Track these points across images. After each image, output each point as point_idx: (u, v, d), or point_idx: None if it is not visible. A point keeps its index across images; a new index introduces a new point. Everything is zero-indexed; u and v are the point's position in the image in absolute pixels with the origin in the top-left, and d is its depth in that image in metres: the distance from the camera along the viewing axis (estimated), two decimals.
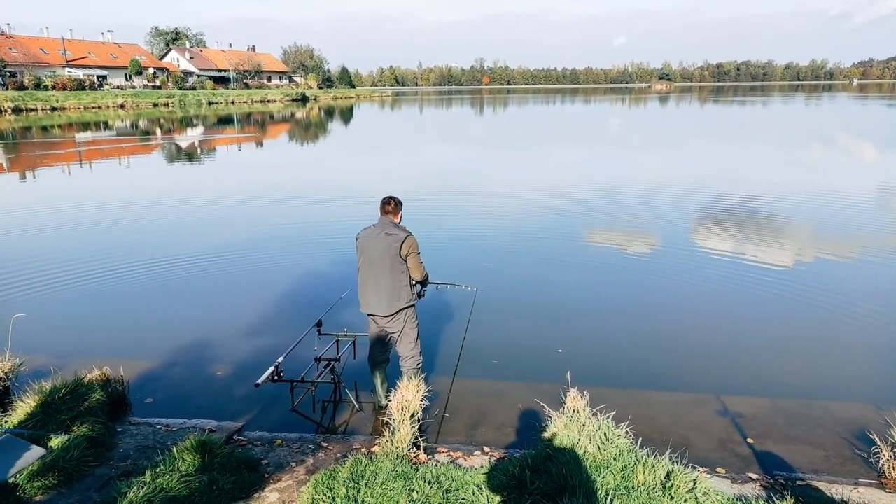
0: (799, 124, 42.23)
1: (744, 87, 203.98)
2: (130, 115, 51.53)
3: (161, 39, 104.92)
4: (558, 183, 17.62)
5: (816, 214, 12.95)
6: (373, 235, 4.96)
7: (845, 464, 4.50)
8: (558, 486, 3.70)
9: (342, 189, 17.01)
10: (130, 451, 4.57)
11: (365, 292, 5.03)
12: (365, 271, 5.00)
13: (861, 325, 7.18)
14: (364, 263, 5.00)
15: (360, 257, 5.02)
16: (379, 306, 5.00)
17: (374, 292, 4.98)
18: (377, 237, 4.94)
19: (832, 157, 23.90)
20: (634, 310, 7.69)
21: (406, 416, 4.58)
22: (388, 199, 5.06)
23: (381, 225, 5.00)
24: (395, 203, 5.07)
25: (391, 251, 4.89)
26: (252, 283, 8.84)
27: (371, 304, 5.03)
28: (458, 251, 10.42)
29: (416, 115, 61.72)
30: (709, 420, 5.15)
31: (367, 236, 4.99)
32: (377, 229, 4.99)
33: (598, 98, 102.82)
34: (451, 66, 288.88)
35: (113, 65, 76.69)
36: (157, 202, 15.10)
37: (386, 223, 4.99)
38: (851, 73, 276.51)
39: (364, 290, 5.04)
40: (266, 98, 78.00)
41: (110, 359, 5.65)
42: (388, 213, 5.04)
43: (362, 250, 5.00)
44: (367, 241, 4.97)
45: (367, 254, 4.97)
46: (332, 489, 3.76)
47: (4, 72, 60.54)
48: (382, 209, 5.05)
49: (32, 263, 9.84)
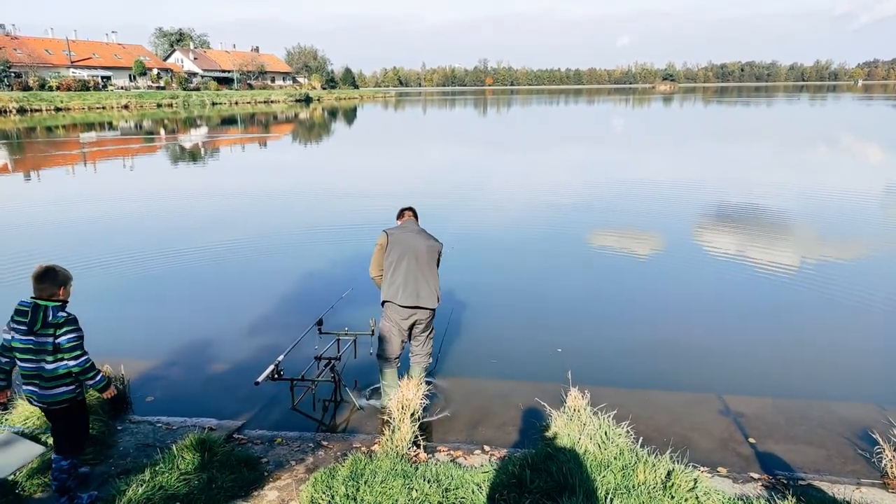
0: (802, 125, 42.10)
1: (748, 87, 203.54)
2: (134, 116, 51.67)
3: (165, 40, 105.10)
4: (561, 183, 17.60)
5: (819, 215, 12.91)
6: (412, 232, 5.10)
7: (847, 464, 4.47)
8: (558, 485, 3.69)
9: (343, 188, 17.01)
10: (130, 449, 4.57)
11: (415, 285, 5.00)
12: (411, 265, 5.00)
13: (863, 325, 7.14)
14: (407, 257, 5.00)
15: (396, 251, 5.01)
16: (429, 299, 5.06)
17: (425, 285, 5.03)
18: (418, 235, 5.09)
19: (836, 157, 23.82)
20: (636, 309, 7.67)
21: (406, 414, 4.57)
22: (409, 207, 5.38)
23: (412, 226, 5.20)
24: (415, 211, 5.40)
25: (433, 251, 5.10)
26: (253, 282, 8.85)
27: (423, 297, 5.03)
28: (459, 251, 10.40)
29: (419, 115, 61.74)
30: (710, 420, 5.12)
31: (405, 232, 5.09)
32: (412, 228, 5.15)
33: (601, 99, 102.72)
34: (454, 66, 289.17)
35: (117, 65, 76.93)
36: (158, 202, 15.13)
37: (416, 226, 5.22)
38: (856, 74, 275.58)
39: (413, 283, 5.00)
40: (270, 99, 78.13)
41: (111, 357, 5.64)
42: (411, 218, 5.31)
43: (399, 244, 5.02)
44: (407, 237, 5.05)
45: (410, 248, 5.01)
46: (331, 487, 3.75)
47: (9, 72, 60.74)
48: (403, 215, 5.32)
49: (33, 262, 9.85)
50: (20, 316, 3.47)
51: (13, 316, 3.49)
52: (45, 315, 3.44)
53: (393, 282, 5.01)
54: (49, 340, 3.43)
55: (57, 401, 3.56)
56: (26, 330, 3.44)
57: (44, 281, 3.51)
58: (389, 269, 5.04)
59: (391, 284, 5.02)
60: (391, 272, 5.03)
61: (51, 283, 3.52)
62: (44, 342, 3.44)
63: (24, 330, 3.44)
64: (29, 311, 3.45)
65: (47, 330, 3.43)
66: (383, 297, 5.08)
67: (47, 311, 3.45)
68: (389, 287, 5.02)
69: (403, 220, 5.30)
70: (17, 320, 3.47)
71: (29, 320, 3.43)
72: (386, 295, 5.06)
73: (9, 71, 60.62)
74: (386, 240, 5.07)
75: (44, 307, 3.46)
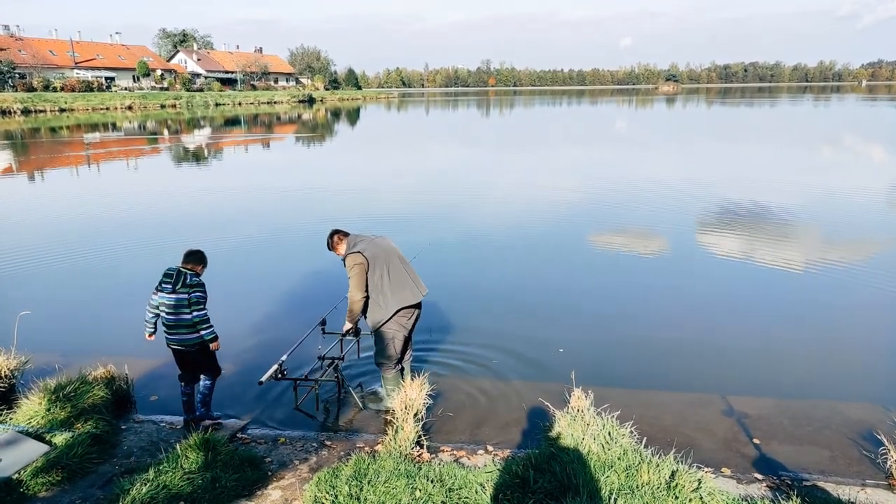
0: (806, 126, 41.98)
1: (751, 88, 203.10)
2: (138, 117, 51.78)
3: (169, 41, 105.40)
4: (563, 183, 17.58)
5: (825, 215, 12.86)
6: (371, 241, 5.04)
7: (852, 464, 4.46)
8: (562, 486, 3.68)
9: (345, 188, 17.02)
10: (134, 448, 4.58)
11: (414, 282, 5.09)
12: (398, 267, 5.04)
13: (868, 325, 7.12)
14: (391, 263, 5.01)
15: (379, 263, 4.97)
16: (423, 290, 5.15)
17: (418, 280, 5.14)
18: (379, 241, 5.09)
19: (840, 158, 23.75)
20: (640, 310, 7.66)
21: (409, 414, 4.57)
22: (336, 230, 5.16)
23: (364, 236, 5.13)
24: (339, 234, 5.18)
25: (398, 249, 5.16)
26: (255, 282, 8.86)
27: (422, 290, 5.14)
28: (461, 249, 10.40)
29: (422, 116, 61.75)
30: (714, 420, 5.11)
31: (370, 244, 5.01)
32: (368, 238, 5.09)
33: (604, 99, 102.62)
34: (457, 67, 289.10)
35: (121, 66, 77.18)
36: (160, 202, 15.17)
37: (365, 235, 5.15)
38: (860, 75, 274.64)
39: (412, 281, 5.07)
40: (273, 99, 78.22)
41: (115, 356, 5.67)
42: (346, 235, 5.13)
43: (377, 256, 4.97)
44: (375, 247, 4.99)
45: (387, 255, 5.02)
46: (334, 487, 3.75)
47: (14, 73, 60.98)
48: (340, 237, 5.11)
49: (38, 261, 9.90)
50: (167, 278, 4.68)
51: (162, 279, 4.70)
52: (185, 279, 4.67)
53: (400, 288, 4.99)
54: (185, 297, 4.64)
55: (194, 342, 4.72)
56: (170, 289, 4.64)
57: (190, 257, 4.84)
58: (383, 281, 4.97)
59: (400, 291, 4.99)
60: (389, 282, 4.98)
61: (193, 260, 4.84)
62: (182, 299, 4.64)
63: (168, 289, 4.65)
64: (174, 274, 4.68)
65: (184, 289, 4.64)
66: (397, 306, 4.99)
67: (186, 276, 4.69)
68: (397, 294, 4.99)
69: (343, 240, 5.08)
70: (164, 281, 4.68)
71: (173, 281, 4.65)
72: (399, 302, 4.99)
73: (13, 72, 60.87)
74: (364, 258, 4.93)
75: (184, 273, 4.70)
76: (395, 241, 5.28)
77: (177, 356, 4.86)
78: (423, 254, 7.32)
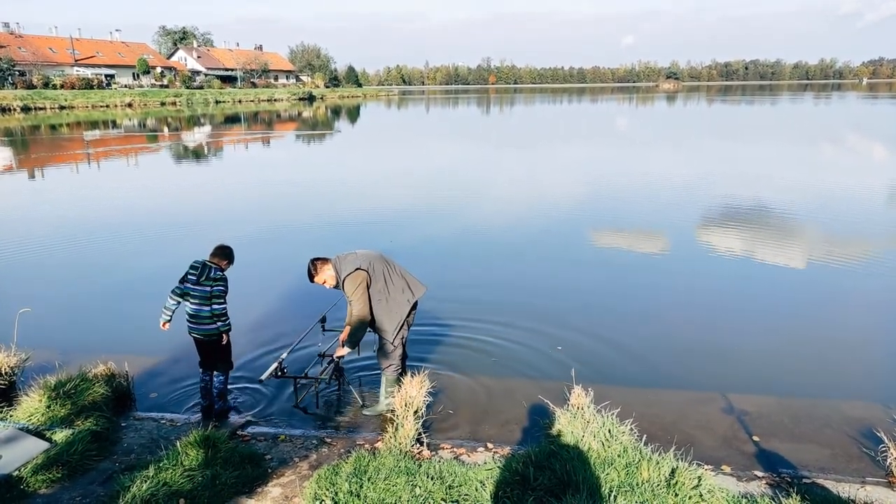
0: (807, 123, 41.95)
1: (752, 86, 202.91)
2: (138, 114, 51.76)
3: (169, 38, 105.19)
4: (564, 181, 17.58)
5: (826, 214, 12.85)
6: (363, 255, 5.01)
7: (852, 462, 4.46)
8: (562, 483, 3.68)
9: (346, 186, 17.01)
10: (134, 445, 4.58)
11: (412, 280, 5.11)
12: (395, 270, 5.06)
13: (868, 324, 7.12)
14: (386, 268, 5.01)
15: (378, 273, 4.95)
16: (424, 285, 5.17)
17: (413, 276, 5.15)
18: (362, 252, 5.07)
19: (841, 156, 23.74)
20: (640, 307, 7.66)
21: (409, 412, 4.57)
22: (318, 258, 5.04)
23: (350, 252, 5.07)
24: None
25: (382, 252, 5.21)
26: (255, 280, 8.85)
27: (424, 284, 5.16)
28: (461, 249, 10.40)
29: (422, 114, 61.71)
30: (714, 418, 5.11)
31: (360, 257, 4.97)
32: (353, 252, 5.05)
33: (605, 97, 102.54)
34: (457, 65, 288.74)
35: (121, 64, 77.06)
36: (161, 200, 15.17)
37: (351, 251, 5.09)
38: (861, 73, 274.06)
39: (410, 280, 5.09)
40: (273, 97, 78.13)
41: (115, 354, 5.67)
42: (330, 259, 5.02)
43: (374, 267, 4.96)
44: (367, 258, 4.98)
45: (379, 262, 5.01)
46: (334, 484, 3.75)
47: (13, 71, 60.93)
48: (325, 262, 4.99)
49: (38, 259, 9.90)
50: (193, 270, 4.87)
51: (188, 270, 4.89)
52: (209, 272, 4.88)
53: (405, 287, 5.02)
54: (208, 289, 4.85)
55: (212, 333, 4.92)
56: (195, 280, 4.84)
57: (217, 252, 5.04)
58: (389, 287, 4.97)
59: (406, 290, 5.01)
60: (394, 286, 4.98)
61: (220, 256, 5.04)
62: (205, 291, 4.85)
63: (194, 280, 4.84)
64: (200, 266, 4.88)
65: (208, 282, 4.85)
66: (408, 305, 5.00)
67: (211, 269, 4.89)
68: (407, 292, 5.01)
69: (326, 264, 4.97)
70: (191, 273, 4.87)
71: (199, 273, 4.85)
72: (409, 301, 5.01)
73: (13, 69, 60.81)
74: (366, 274, 4.89)
75: (210, 267, 4.90)
76: (394, 240, 5.30)
77: (197, 345, 5.07)
78: (423, 252, 7.32)
